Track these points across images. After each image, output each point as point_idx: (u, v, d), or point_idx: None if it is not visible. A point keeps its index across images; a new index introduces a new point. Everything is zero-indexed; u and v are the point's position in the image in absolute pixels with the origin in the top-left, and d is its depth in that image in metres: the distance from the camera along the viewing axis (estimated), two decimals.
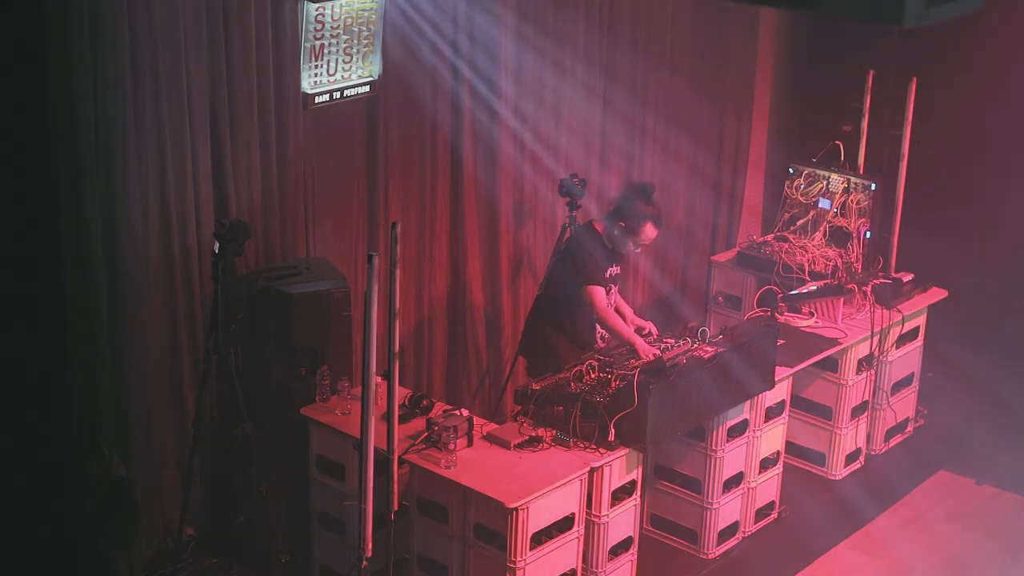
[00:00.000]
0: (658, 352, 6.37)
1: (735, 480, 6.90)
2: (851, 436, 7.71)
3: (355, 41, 6.88)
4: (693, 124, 8.97)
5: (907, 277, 7.89)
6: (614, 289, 6.84)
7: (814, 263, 7.77)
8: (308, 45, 6.68)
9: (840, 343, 7.40)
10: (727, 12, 8.86)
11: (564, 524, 5.94)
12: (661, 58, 8.58)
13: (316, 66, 6.75)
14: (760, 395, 6.82)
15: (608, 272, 6.73)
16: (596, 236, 6.74)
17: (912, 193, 8.18)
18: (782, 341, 6.94)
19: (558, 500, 5.85)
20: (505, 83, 7.63)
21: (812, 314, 7.57)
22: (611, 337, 6.68)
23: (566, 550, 5.99)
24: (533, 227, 7.97)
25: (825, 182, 8.07)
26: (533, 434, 6.06)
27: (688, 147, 8.99)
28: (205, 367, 6.23)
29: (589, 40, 8.09)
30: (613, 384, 6.10)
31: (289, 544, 6.51)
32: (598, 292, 6.63)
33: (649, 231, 6.65)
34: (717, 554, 6.92)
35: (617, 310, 7.12)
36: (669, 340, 6.49)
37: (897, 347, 7.85)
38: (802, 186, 8.15)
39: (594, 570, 6.26)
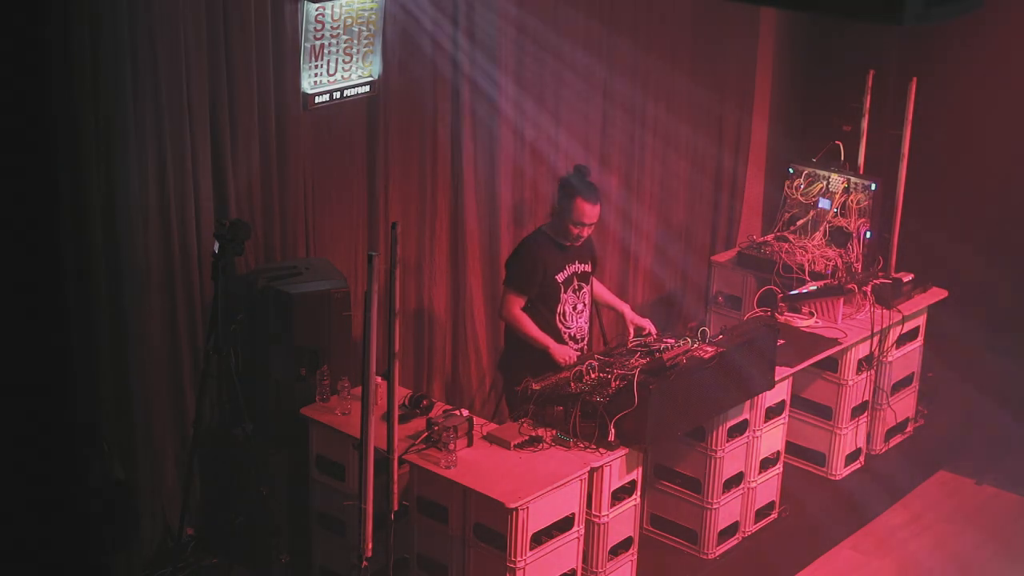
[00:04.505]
0: (572, 358, 6.41)
1: (735, 480, 6.90)
2: (851, 436, 7.70)
3: (355, 41, 6.88)
4: (693, 124, 8.97)
5: (907, 277, 7.89)
6: (585, 288, 6.80)
7: (814, 263, 7.76)
8: (308, 45, 6.68)
9: (840, 343, 7.40)
10: (727, 12, 8.85)
11: (564, 524, 5.93)
12: (662, 58, 8.57)
13: (316, 66, 6.75)
14: (760, 395, 6.82)
15: (567, 271, 6.69)
16: (542, 239, 6.72)
17: (912, 193, 8.18)
18: (782, 341, 6.94)
19: (558, 500, 5.85)
20: (505, 82, 7.63)
21: (812, 314, 7.56)
22: (530, 342, 6.62)
23: (566, 550, 5.98)
24: (533, 227, 7.95)
25: (825, 182, 8.07)
26: (533, 434, 6.06)
27: (688, 147, 8.99)
28: (205, 367, 6.22)
29: (589, 40, 8.09)
30: (613, 384, 6.10)
31: (289, 544, 6.51)
32: (510, 297, 6.66)
33: (581, 206, 6.54)
34: (717, 554, 6.91)
35: (612, 308, 7.12)
36: (669, 340, 6.48)
37: (897, 347, 7.85)
38: (802, 186, 8.14)
39: (594, 570, 6.26)
